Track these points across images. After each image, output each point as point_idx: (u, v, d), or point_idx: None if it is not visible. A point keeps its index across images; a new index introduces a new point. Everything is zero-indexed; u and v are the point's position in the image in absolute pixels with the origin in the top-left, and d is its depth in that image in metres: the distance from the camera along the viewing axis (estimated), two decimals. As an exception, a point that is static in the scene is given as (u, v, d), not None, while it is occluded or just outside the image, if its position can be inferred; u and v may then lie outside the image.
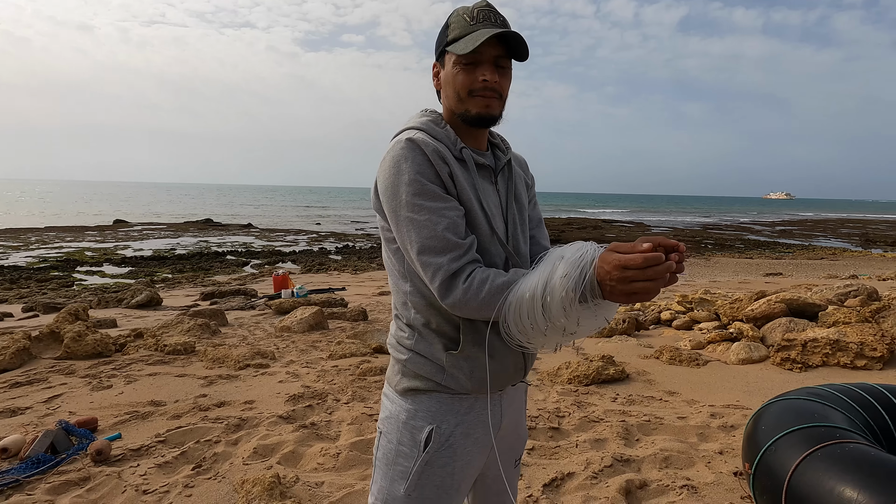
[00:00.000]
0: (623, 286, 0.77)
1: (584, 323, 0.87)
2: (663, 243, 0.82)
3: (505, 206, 1.04)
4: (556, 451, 2.52)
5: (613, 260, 0.78)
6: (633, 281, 0.76)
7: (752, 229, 36.39)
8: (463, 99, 0.98)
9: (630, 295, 0.78)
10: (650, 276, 0.75)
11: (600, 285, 0.80)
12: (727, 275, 12.10)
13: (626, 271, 0.76)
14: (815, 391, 2.01)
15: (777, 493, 1.60)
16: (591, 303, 0.84)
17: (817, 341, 3.86)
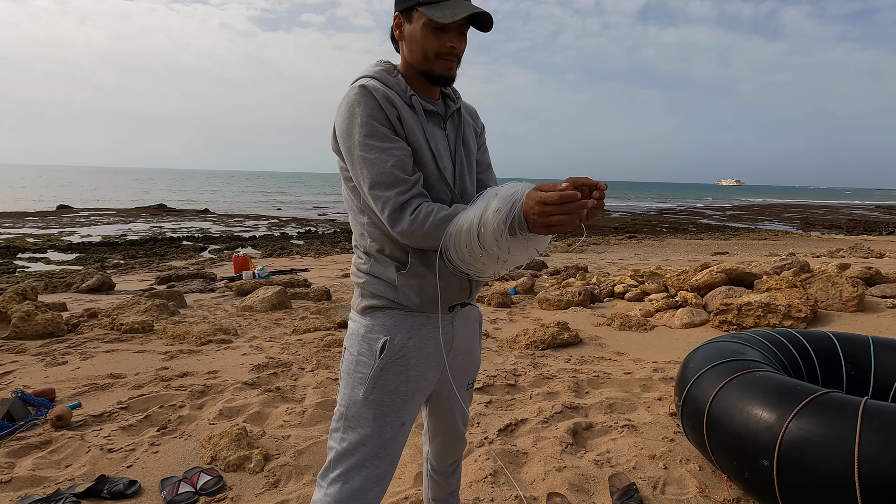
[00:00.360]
0: (542, 219, 0.90)
1: (515, 252, 1.00)
2: (586, 183, 0.95)
3: (453, 150, 1.15)
4: (511, 403, 2.70)
5: (535, 197, 0.90)
6: (551, 215, 0.89)
7: (704, 214, 38.15)
8: (429, 59, 1.08)
9: (549, 227, 0.91)
10: (565, 211, 0.88)
11: (526, 219, 0.93)
12: (679, 254, 12.74)
13: (545, 206, 0.89)
14: (738, 335, 2.25)
15: (700, 417, 1.81)
16: (521, 235, 0.97)
17: (751, 305, 4.21)
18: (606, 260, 11.53)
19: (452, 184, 1.12)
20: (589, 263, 10.61)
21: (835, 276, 4.66)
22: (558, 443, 2.17)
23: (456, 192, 1.12)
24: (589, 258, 12.05)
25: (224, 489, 1.86)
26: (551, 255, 12.89)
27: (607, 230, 22.66)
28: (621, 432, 2.30)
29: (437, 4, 1.04)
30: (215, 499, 1.80)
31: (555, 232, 0.94)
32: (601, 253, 13.42)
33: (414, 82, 1.12)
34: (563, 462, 2.01)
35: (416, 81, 1.12)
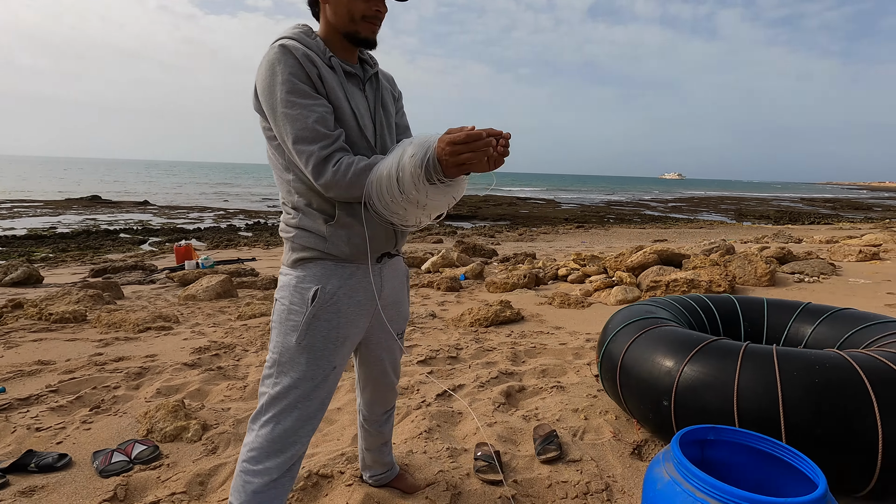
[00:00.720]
0: (453, 158, 1.00)
1: (433, 197, 1.09)
2: (492, 133, 1.06)
3: (373, 110, 1.23)
4: (451, 372, 2.82)
5: (445, 138, 1.00)
6: (460, 154, 0.99)
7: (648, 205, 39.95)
8: (356, 21, 1.15)
9: (460, 166, 1.01)
10: (472, 149, 0.99)
11: (440, 162, 1.02)
12: (622, 241, 13.35)
13: (454, 146, 0.99)
14: (654, 300, 2.46)
15: (614, 370, 2.00)
16: (438, 181, 1.06)
17: (677, 281, 4.55)
18: (555, 248, 11.93)
19: (373, 142, 1.20)
20: (538, 251, 10.96)
21: (751, 255, 5.09)
22: (491, 403, 2.31)
23: (377, 150, 1.20)
24: (538, 246, 12.43)
25: (160, 457, 1.87)
26: (502, 243, 13.19)
27: (557, 221, 23.36)
28: (550, 392, 2.47)
29: None
30: (150, 466, 1.81)
31: (465, 170, 1.03)
32: (550, 241, 13.85)
33: (334, 45, 1.18)
34: (495, 419, 2.15)
35: (337, 44, 1.19)
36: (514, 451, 1.89)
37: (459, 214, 26.08)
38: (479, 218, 25.59)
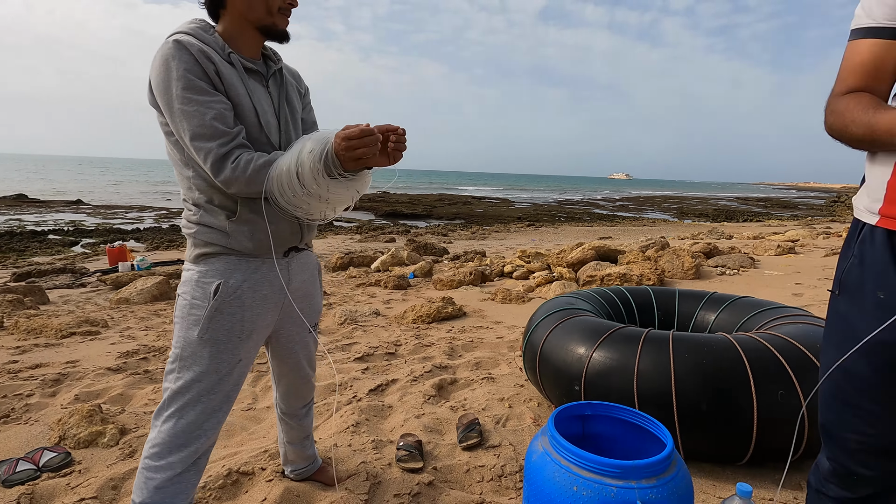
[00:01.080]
0: (349, 153, 1.04)
1: (335, 191, 1.13)
2: (388, 129, 1.11)
3: (277, 107, 1.25)
4: (387, 368, 2.86)
5: (341, 134, 1.04)
6: (356, 148, 1.04)
7: (598, 204, 41.41)
8: (273, 13, 1.17)
9: (357, 160, 1.06)
10: (367, 144, 1.04)
11: (338, 156, 1.06)
12: (570, 239, 13.80)
13: (350, 141, 1.03)
14: (576, 292, 2.60)
15: (534, 359, 2.10)
16: (339, 176, 1.10)
17: (611, 275, 4.78)
18: (505, 245, 12.19)
19: (278, 138, 1.22)
20: (488, 249, 11.16)
21: (679, 251, 5.43)
22: (422, 396, 2.37)
23: (281, 146, 1.22)
24: (489, 244, 12.64)
25: (72, 464, 1.80)
26: (454, 242, 13.32)
27: (511, 219, 23.81)
28: (481, 384, 2.56)
29: None
30: (60, 474, 1.74)
31: (362, 164, 1.09)
32: (501, 240, 14.12)
33: (236, 41, 1.19)
34: (423, 410, 2.21)
35: (240, 40, 1.20)
36: (438, 440, 1.95)
37: (415, 213, 26.09)
38: (434, 217, 25.68)
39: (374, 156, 1.07)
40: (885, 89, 0.89)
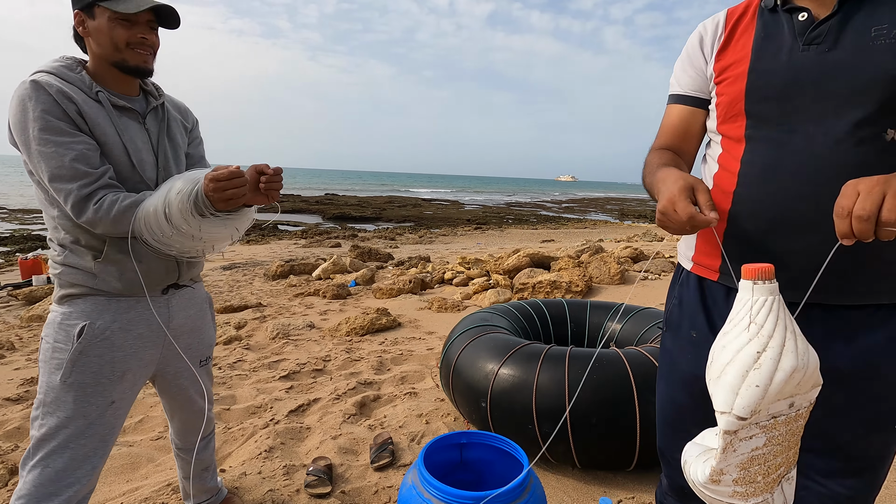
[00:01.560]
0: (218, 195, 1.06)
1: (210, 230, 1.14)
2: (264, 170, 1.13)
3: (156, 143, 1.24)
4: (312, 386, 2.85)
5: (209, 176, 1.06)
6: (225, 189, 1.05)
7: (544, 206, 42.63)
8: (121, 49, 1.15)
9: (226, 201, 1.07)
10: (236, 185, 1.06)
11: (208, 197, 1.08)
12: (514, 242, 14.15)
13: (218, 183, 1.05)
14: (495, 307, 2.70)
15: (448, 375, 2.17)
16: (212, 214, 1.11)
17: (542, 283, 4.97)
18: (451, 250, 12.32)
19: (154, 175, 1.21)
20: (434, 253, 11.25)
21: (607, 257, 5.72)
22: (342, 415, 2.39)
23: (159, 183, 1.21)
24: (436, 248, 12.74)
25: (-50, 512, 1.69)
26: (401, 246, 13.31)
27: (460, 222, 24.07)
28: (403, 399, 2.60)
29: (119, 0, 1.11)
30: (-65, 523, 1.62)
31: (233, 205, 1.10)
32: (448, 244, 14.25)
33: (105, 78, 1.18)
34: (341, 431, 2.23)
35: (109, 77, 1.18)
36: (352, 462, 1.98)
37: (363, 216, 25.83)
38: (384, 220, 25.53)
39: (245, 196, 1.09)
40: (692, 148, 1.02)
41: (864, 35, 0.79)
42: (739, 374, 0.70)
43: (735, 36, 0.93)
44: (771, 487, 0.75)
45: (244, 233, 1.25)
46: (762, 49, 0.88)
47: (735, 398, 0.70)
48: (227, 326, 4.37)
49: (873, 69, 0.77)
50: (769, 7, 0.90)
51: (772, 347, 0.69)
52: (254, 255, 10.90)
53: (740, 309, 0.73)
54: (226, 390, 2.78)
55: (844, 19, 0.81)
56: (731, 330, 0.73)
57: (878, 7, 0.79)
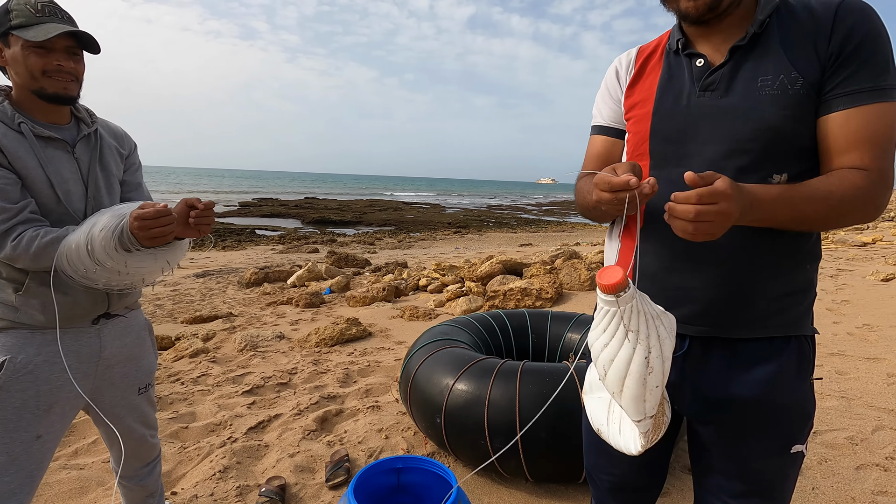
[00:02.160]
0: (144, 233, 1.06)
1: (136, 264, 1.13)
2: (195, 205, 1.13)
3: (86, 173, 1.23)
4: (275, 401, 2.83)
5: (135, 214, 1.06)
6: (150, 228, 1.05)
7: (525, 209, 42.96)
8: (37, 78, 1.13)
9: (152, 239, 1.07)
10: (161, 224, 1.06)
11: (133, 234, 1.07)
12: (492, 247, 14.23)
13: (143, 221, 1.05)
14: (457, 319, 2.73)
15: (407, 389, 2.19)
16: (138, 249, 1.11)
17: (513, 290, 5.02)
18: (429, 255, 12.33)
19: (83, 206, 1.20)
20: (412, 258, 11.24)
21: (577, 263, 5.80)
22: (302, 432, 2.38)
23: (88, 213, 1.20)
24: (414, 254, 12.74)
25: None
26: (379, 251, 13.28)
27: (441, 225, 24.11)
28: (365, 413, 2.61)
29: (31, 27, 1.10)
30: None
31: (159, 242, 1.10)
32: (426, 248, 14.26)
33: (30, 107, 1.16)
34: (299, 448, 2.22)
35: (34, 106, 1.17)
36: (308, 481, 1.97)
37: (343, 220, 25.67)
38: (364, 223, 25.41)
39: (172, 234, 1.09)
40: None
41: (753, 84, 0.84)
42: (639, 383, 0.75)
43: (644, 73, 0.98)
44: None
45: (177, 265, 1.25)
46: (665, 91, 0.93)
47: (644, 404, 0.76)
48: (194, 338, 4.30)
49: (758, 118, 0.82)
50: (673, 50, 0.94)
51: (654, 346, 0.75)
52: (229, 262, 10.75)
53: (611, 320, 0.76)
54: (186, 407, 2.74)
55: (735, 68, 0.86)
56: (609, 342, 0.77)
57: (765, 58, 0.84)
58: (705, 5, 0.83)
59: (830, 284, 5.55)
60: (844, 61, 0.80)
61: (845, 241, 10.15)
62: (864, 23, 0.80)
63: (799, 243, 0.88)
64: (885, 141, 0.79)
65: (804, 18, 0.84)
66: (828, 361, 3.18)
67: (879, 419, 2.39)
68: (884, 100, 0.79)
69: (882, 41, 0.80)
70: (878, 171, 0.79)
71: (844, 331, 3.81)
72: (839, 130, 0.80)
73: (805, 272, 0.89)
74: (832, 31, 0.81)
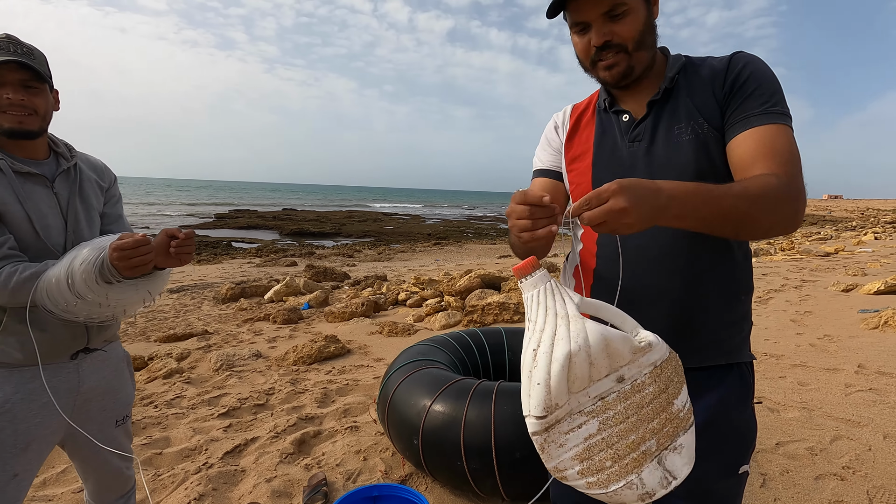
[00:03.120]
0: (124, 263, 1.07)
1: (118, 296, 1.15)
2: (175, 234, 1.15)
3: (66, 207, 1.24)
4: (252, 424, 2.81)
5: (114, 245, 1.07)
6: (131, 258, 1.07)
7: (504, 220, 43.27)
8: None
9: (133, 269, 1.09)
10: (141, 254, 1.08)
11: (114, 265, 1.09)
12: (472, 258, 14.32)
13: (123, 252, 1.06)
14: (434, 338, 2.76)
15: (385, 410, 2.21)
16: (119, 281, 1.12)
17: (491, 305, 5.08)
18: (408, 267, 12.34)
19: (62, 240, 1.20)
20: (392, 271, 11.23)
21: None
22: (279, 455, 2.37)
23: (68, 247, 1.20)
24: (393, 266, 12.73)
25: None
26: (358, 264, 13.23)
27: (420, 237, 24.14)
28: (344, 434, 2.61)
29: None
30: None
31: (139, 272, 1.11)
32: (406, 261, 14.26)
33: (7, 144, 1.17)
34: (276, 472, 2.22)
35: (8, 142, 1.17)
36: (284, 505, 1.97)
37: (322, 232, 25.49)
38: (343, 235, 25.27)
39: (151, 264, 1.11)
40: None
41: (671, 133, 0.95)
42: (526, 376, 0.70)
43: (580, 129, 1.09)
44: (631, 469, 0.70)
45: (158, 295, 1.26)
46: (601, 145, 1.03)
47: (529, 399, 0.69)
48: (168, 358, 4.23)
49: (679, 162, 0.93)
50: (602, 108, 1.05)
51: (543, 342, 0.69)
52: (204, 277, 10.56)
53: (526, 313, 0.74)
54: (160, 432, 2.70)
55: (655, 120, 0.97)
56: (525, 337, 0.74)
57: (677, 109, 0.95)
58: (619, 74, 0.95)
59: (795, 296, 5.78)
60: (736, 95, 0.91)
61: (810, 251, 10.58)
62: (751, 64, 0.92)
63: (735, 277, 0.97)
64: (786, 152, 0.85)
65: (705, 72, 0.95)
66: (791, 373, 3.32)
67: (837, 429, 2.51)
68: (773, 122, 0.87)
69: (767, 77, 0.91)
70: (787, 175, 0.83)
71: (807, 342, 3.98)
72: (741, 150, 0.88)
73: (741, 304, 0.98)
74: (725, 76, 0.92)
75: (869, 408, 2.73)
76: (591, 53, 0.95)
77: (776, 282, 6.66)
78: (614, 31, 0.91)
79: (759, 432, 2.55)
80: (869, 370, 3.26)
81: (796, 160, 0.86)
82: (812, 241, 14.20)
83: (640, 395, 0.72)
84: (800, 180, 0.85)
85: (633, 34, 0.92)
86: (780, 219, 0.82)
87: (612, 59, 0.93)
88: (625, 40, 0.92)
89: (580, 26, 0.94)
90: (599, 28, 0.92)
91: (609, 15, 0.91)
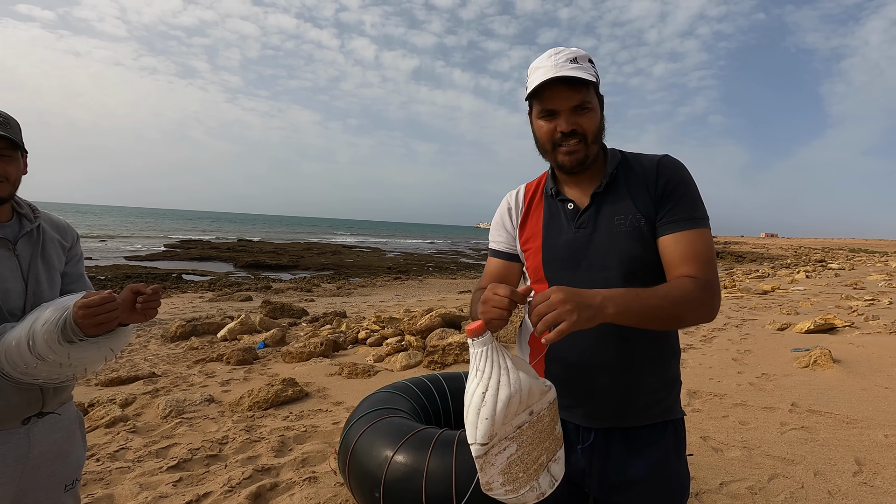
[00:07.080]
0: (89, 321, 1.08)
1: (80, 355, 1.14)
2: (136, 290, 1.17)
3: (27, 269, 1.23)
4: (203, 477, 2.70)
5: (79, 303, 1.08)
6: (96, 315, 1.08)
7: (464, 253, 43.79)
8: None
9: (98, 326, 1.10)
10: (106, 310, 1.09)
11: (78, 324, 1.09)
12: (432, 294, 14.37)
13: (88, 309, 1.07)
14: (397, 384, 2.78)
15: (346, 460, 2.19)
16: (80, 340, 1.12)
17: (451, 345, 5.13)
18: (368, 303, 12.22)
19: (22, 303, 1.20)
20: (351, 307, 11.09)
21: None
22: (233, 511, 2.29)
23: (27, 309, 1.19)
24: (353, 301, 12.57)
25: None
26: (317, 299, 12.98)
27: (381, 270, 23.99)
28: (302, 486, 2.55)
29: None
30: None
31: (104, 329, 1.12)
32: (366, 296, 14.13)
33: None
34: (230, 530, 2.14)
35: None
36: (239, 567, 1.90)
37: (279, 264, 24.88)
38: (301, 267, 24.75)
39: (116, 320, 1.12)
40: None
41: (611, 223, 1.09)
42: (475, 412, 0.91)
43: (531, 211, 1.21)
44: (535, 476, 0.95)
45: (119, 352, 1.26)
46: (550, 229, 1.16)
47: (476, 430, 0.90)
48: (111, 405, 3.99)
49: (618, 250, 1.06)
50: (549, 194, 1.18)
51: (491, 386, 0.90)
52: (152, 313, 10.06)
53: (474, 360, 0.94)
54: (102, 489, 2.54)
55: (597, 210, 1.11)
56: (469, 380, 0.94)
57: (619, 201, 1.10)
58: (577, 161, 1.09)
59: (736, 335, 6.15)
60: (666, 199, 1.07)
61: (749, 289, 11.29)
62: (677, 173, 1.09)
63: (665, 345, 1.10)
64: (705, 256, 1.03)
65: (638, 171, 1.12)
66: (733, 412, 3.52)
67: (774, 468, 2.69)
68: (696, 227, 1.05)
69: (690, 186, 1.09)
70: (704, 279, 1.00)
71: (747, 381, 4.24)
72: (670, 249, 1.05)
73: (671, 367, 1.12)
74: (656, 180, 1.09)
75: (801, 445, 2.94)
76: (554, 137, 1.09)
77: (719, 320, 7.06)
78: (579, 123, 1.07)
79: (704, 472, 2.69)
80: (801, 408, 3.51)
81: (712, 261, 1.04)
82: (752, 280, 15.17)
83: (542, 424, 0.96)
84: (715, 280, 1.02)
85: (592, 128, 1.08)
86: (699, 315, 0.98)
87: (574, 146, 1.07)
88: (587, 132, 1.07)
89: (549, 113, 1.08)
90: (567, 118, 1.06)
91: (576, 108, 1.06)
